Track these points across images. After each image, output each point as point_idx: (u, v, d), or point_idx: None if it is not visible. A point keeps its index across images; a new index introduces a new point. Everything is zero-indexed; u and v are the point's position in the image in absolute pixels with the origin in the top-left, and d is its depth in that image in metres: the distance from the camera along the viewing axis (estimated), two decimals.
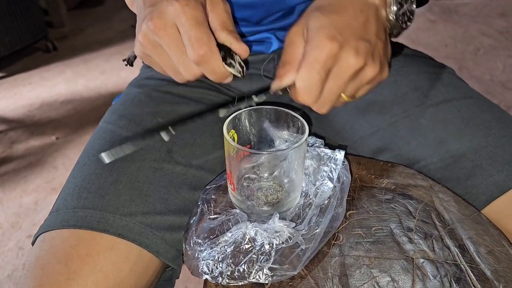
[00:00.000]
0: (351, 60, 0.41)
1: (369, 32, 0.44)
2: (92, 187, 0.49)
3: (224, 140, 0.45)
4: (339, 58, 0.41)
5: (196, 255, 0.45)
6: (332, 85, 0.43)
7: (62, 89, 2.35)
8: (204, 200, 0.52)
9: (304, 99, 0.43)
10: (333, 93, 0.43)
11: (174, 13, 0.41)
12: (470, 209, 0.49)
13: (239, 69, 0.45)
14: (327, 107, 0.45)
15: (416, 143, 0.56)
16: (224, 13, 0.45)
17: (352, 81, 0.44)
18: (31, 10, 2.51)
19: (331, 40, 0.40)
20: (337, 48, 0.40)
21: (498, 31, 2.62)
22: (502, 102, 1.89)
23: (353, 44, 0.41)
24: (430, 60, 0.69)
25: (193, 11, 0.41)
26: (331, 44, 0.40)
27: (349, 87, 0.44)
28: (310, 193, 0.49)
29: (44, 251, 0.45)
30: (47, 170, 1.71)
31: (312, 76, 0.41)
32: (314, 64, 0.41)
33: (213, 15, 0.44)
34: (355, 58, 0.41)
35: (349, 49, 0.41)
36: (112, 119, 0.59)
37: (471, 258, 0.43)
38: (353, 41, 0.41)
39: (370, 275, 0.42)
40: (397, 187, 0.53)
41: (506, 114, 0.56)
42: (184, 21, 0.41)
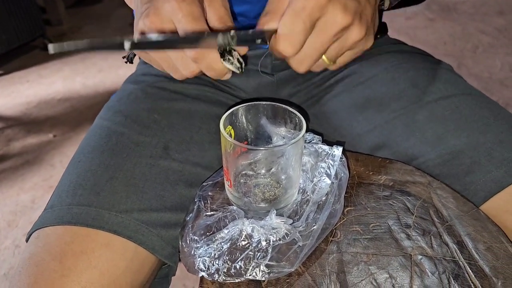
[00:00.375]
0: (338, 15, 0.39)
1: None
2: (87, 184, 0.49)
3: (221, 136, 0.44)
4: (326, 11, 0.39)
5: (193, 252, 0.44)
6: (315, 40, 0.41)
7: (60, 87, 2.34)
8: (200, 197, 0.51)
9: (284, 48, 0.40)
10: (315, 48, 0.41)
11: (170, 9, 0.41)
12: (469, 206, 0.49)
13: (237, 65, 0.44)
14: (306, 65, 0.43)
15: (414, 140, 0.56)
16: (222, 8, 0.44)
17: (336, 41, 0.42)
18: (28, 8, 2.50)
19: None
20: (326, 0, 0.39)
21: (496, 29, 2.62)
22: (501, 99, 1.89)
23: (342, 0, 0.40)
24: (428, 56, 0.69)
25: (190, 7, 0.41)
26: None
27: (332, 48, 0.42)
28: (308, 190, 0.49)
29: (39, 248, 0.45)
30: (44, 168, 1.71)
31: (297, 23, 0.39)
32: (299, 12, 0.39)
33: (211, 10, 0.44)
34: (343, 14, 0.39)
35: (337, 4, 0.39)
36: (108, 115, 0.59)
37: (469, 255, 0.43)
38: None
39: (368, 272, 0.42)
40: (395, 183, 0.53)
41: (505, 111, 0.56)
42: (181, 18, 0.41)
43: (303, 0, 0.39)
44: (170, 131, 0.57)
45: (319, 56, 0.42)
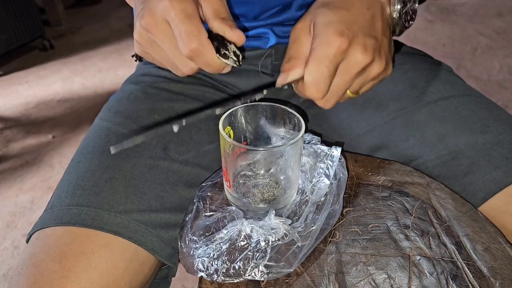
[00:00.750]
0: (359, 56, 0.42)
1: (376, 29, 0.44)
2: (87, 185, 0.49)
3: (220, 137, 0.44)
4: (348, 54, 0.42)
5: (192, 253, 0.44)
6: (340, 81, 0.43)
7: (59, 87, 2.34)
8: (200, 198, 0.51)
9: (313, 93, 0.43)
10: (340, 88, 0.44)
11: (163, 8, 0.41)
12: (467, 206, 0.49)
13: (234, 59, 0.44)
14: (333, 102, 0.46)
15: (414, 141, 0.56)
16: (216, 0, 0.44)
17: (358, 77, 0.44)
18: (27, 9, 2.50)
19: (340, 36, 0.41)
20: (347, 44, 0.41)
21: (495, 31, 2.63)
22: (499, 101, 1.90)
23: (361, 41, 0.42)
24: (427, 57, 0.69)
25: (182, 4, 0.41)
26: (340, 40, 0.41)
27: (355, 83, 0.45)
28: (307, 190, 0.49)
29: (38, 249, 0.45)
30: (43, 169, 1.70)
31: (322, 70, 0.41)
32: (323, 59, 0.41)
33: (205, 4, 0.44)
34: (363, 54, 0.42)
35: (357, 45, 0.41)
36: (108, 116, 0.59)
37: (467, 255, 0.43)
38: (361, 37, 0.42)
39: (366, 272, 0.42)
40: (394, 184, 0.53)
41: (503, 112, 0.56)
42: (173, 16, 0.41)
43: (325, 47, 0.41)
44: (169, 131, 0.57)
45: (343, 93, 0.45)
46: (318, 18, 0.43)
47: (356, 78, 0.44)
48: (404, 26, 0.50)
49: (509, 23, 2.73)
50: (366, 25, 0.43)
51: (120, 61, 2.60)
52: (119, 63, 2.58)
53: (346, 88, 0.45)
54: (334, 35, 0.41)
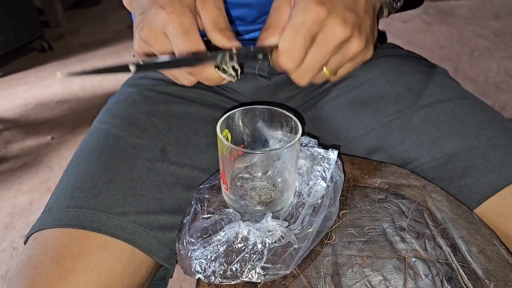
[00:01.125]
0: (337, 29, 0.40)
1: (358, 5, 0.42)
2: (85, 187, 0.49)
3: (218, 140, 0.45)
4: (326, 25, 0.40)
5: (189, 254, 0.45)
6: (316, 53, 0.41)
7: (58, 89, 2.34)
8: (197, 200, 0.52)
9: (286, 63, 0.41)
10: (316, 62, 0.42)
11: (161, 22, 0.41)
12: (462, 209, 0.49)
13: (233, 74, 0.44)
14: (307, 78, 0.44)
15: (410, 143, 0.56)
16: (215, 10, 0.44)
17: (336, 54, 0.42)
18: (26, 10, 2.50)
19: (319, 5, 0.39)
20: (325, 14, 0.39)
21: (492, 33, 2.64)
22: (496, 103, 1.90)
23: (341, 13, 0.40)
24: (423, 60, 0.69)
25: (180, 18, 0.41)
26: (319, 9, 0.39)
27: (332, 60, 0.43)
28: (304, 193, 0.49)
29: (37, 250, 0.45)
30: (42, 170, 1.71)
31: (297, 38, 0.40)
32: (299, 27, 0.39)
33: (204, 14, 0.44)
34: (342, 27, 0.40)
35: (336, 17, 0.40)
36: (106, 118, 0.59)
37: (462, 257, 0.43)
38: (342, 10, 0.40)
39: (362, 274, 0.42)
40: (390, 186, 0.53)
41: (499, 115, 0.57)
42: (172, 30, 0.41)
43: (302, 15, 0.39)
44: (167, 134, 0.57)
45: (319, 69, 0.43)
46: None
47: (334, 54, 0.42)
48: (392, 7, 0.48)
49: (507, 25, 2.74)
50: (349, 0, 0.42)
51: (118, 62, 2.60)
52: None
53: (322, 63, 0.43)
54: (312, 3, 0.39)
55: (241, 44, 0.44)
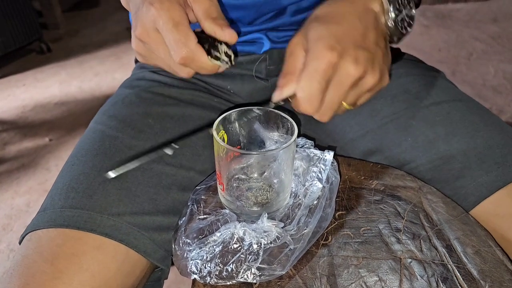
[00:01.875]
0: (350, 69, 0.42)
1: (368, 41, 0.44)
2: (80, 187, 0.49)
3: (214, 141, 0.45)
4: (339, 67, 0.41)
5: (185, 255, 0.45)
6: (333, 94, 0.43)
7: (56, 90, 2.34)
8: (194, 201, 0.52)
9: (306, 109, 0.43)
10: (334, 102, 0.44)
11: (152, 18, 0.42)
12: (458, 210, 0.49)
13: (226, 60, 0.44)
14: (329, 116, 0.46)
15: (406, 145, 0.57)
16: (206, 0, 0.45)
17: (353, 90, 0.44)
18: (25, 12, 2.50)
19: (330, 50, 0.41)
20: (336, 58, 0.41)
21: (490, 36, 2.65)
22: (494, 106, 1.91)
23: (352, 53, 0.42)
24: (420, 63, 0.70)
25: (169, 13, 0.42)
26: (330, 54, 0.41)
27: (350, 96, 0.45)
28: (300, 194, 0.49)
29: (31, 250, 0.45)
30: (39, 172, 1.70)
31: (313, 86, 0.42)
32: (314, 74, 0.41)
33: (195, 6, 0.44)
34: (355, 67, 0.42)
35: (348, 58, 0.41)
36: (102, 119, 0.59)
37: (458, 258, 0.43)
38: (352, 50, 0.42)
39: (358, 275, 0.42)
40: (386, 188, 0.53)
41: (494, 116, 0.57)
42: (162, 25, 0.42)
43: (315, 62, 0.41)
44: (163, 135, 0.57)
45: (338, 106, 0.45)
46: (310, 32, 0.44)
47: (351, 91, 0.44)
48: (401, 34, 0.49)
49: (504, 29, 2.75)
50: (358, 37, 0.43)
51: (117, 64, 2.61)
52: (116, 66, 2.58)
53: (340, 101, 0.45)
54: (324, 49, 0.41)
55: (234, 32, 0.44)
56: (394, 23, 0.48)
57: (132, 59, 0.68)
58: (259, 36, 0.64)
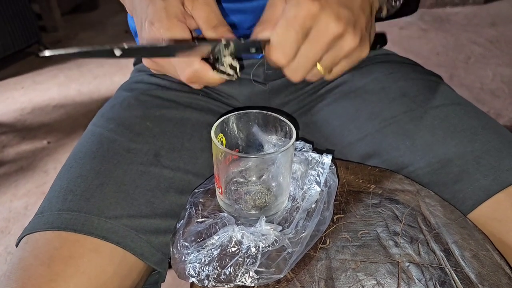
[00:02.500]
0: (330, 24, 0.39)
1: (353, 2, 0.42)
2: (78, 190, 0.49)
3: (212, 144, 0.45)
4: (318, 20, 0.39)
5: (183, 258, 0.45)
6: (308, 48, 0.41)
7: (55, 93, 2.34)
8: (192, 204, 0.52)
9: (278, 57, 0.41)
10: (309, 57, 0.42)
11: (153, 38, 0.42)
12: (456, 214, 0.49)
13: (231, 73, 0.43)
14: (301, 74, 0.43)
15: (404, 149, 0.57)
16: (205, 7, 0.44)
17: (330, 50, 0.42)
18: (24, 14, 2.50)
19: (312, 0, 0.39)
20: (318, 9, 0.39)
21: (488, 40, 2.66)
22: (492, 109, 1.91)
23: (334, 9, 0.40)
24: (418, 67, 0.70)
25: (169, 33, 0.42)
26: (311, 3, 0.39)
27: (326, 57, 0.43)
28: (298, 197, 0.49)
29: (27, 253, 0.45)
30: (38, 175, 1.70)
31: (289, 32, 0.39)
32: (291, 21, 0.39)
33: (195, 14, 0.44)
34: (335, 22, 0.39)
35: (329, 13, 0.39)
36: (100, 122, 0.59)
37: (456, 262, 0.43)
38: (335, 6, 0.40)
39: (355, 279, 0.42)
40: (384, 191, 0.53)
41: (492, 120, 0.57)
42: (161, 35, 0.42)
43: (295, 9, 0.39)
44: (161, 138, 0.57)
45: (312, 65, 0.43)
46: None
47: (327, 51, 0.42)
48: (390, 6, 0.48)
49: (502, 33, 2.76)
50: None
51: (116, 67, 2.61)
52: (115, 69, 2.58)
53: (315, 59, 0.42)
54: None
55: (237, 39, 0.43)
56: None
57: (130, 62, 0.68)
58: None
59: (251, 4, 0.60)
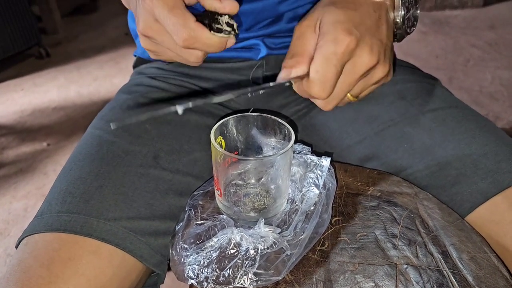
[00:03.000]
0: (366, 57, 0.41)
1: (381, 32, 0.44)
2: (77, 192, 0.49)
3: (211, 147, 0.45)
4: (355, 54, 0.41)
5: (182, 260, 0.45)
6: (344, 81, 0.43)
7: (54, 95, 2.34)
8: (191, 206, 0.52)
9: (318, 92, 0.42)
10: (343, 90, 0.43)
11: (148, 10, 0.42)
12: (454, 216, 0.50)
13: (228, 30, 0.42)
14: (334, 104, 0.45)
15: (403, 151, 0.57)
16: None
17: (362, 80, 0.44)
18: (24, 16, 2.50)
19: (349, 35, 0.40)
20: (355, 43, 0.40)
21: (487, 43, 2.66)
22: (490, 112, 1.91)
23: (368, 41, 0.41)
24: (416, 70, 0.70)
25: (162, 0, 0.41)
26: (349, 39, 0.40)
27: (357, 86, 0.44)
28: (296, 200, 0.50)
29: (27, 255, 0.45)
30: (37, 177, 1.70)
31: (329, 68, 0.41)
32: (331, 57, 0.40)
33: None
34: (370, 55, 0.41)
35: (364, 46, 0.41)
36: (100, 124, 0.60)
37: (453, 264, 0.44)
38: (368, 38, 0.42)
39: (354, 281, 0.43)
40: (383, 194, 0.53)
41: (490, 123, 0.57)
42: (158, 14, 0.41)
43: (333, 45, 0.40)
44: (160, 140, 0.57)
45: (345, 95, 0.44)
46: (326, 16, 0.43)
47: (360, 80, 0.43)
48: (406, 32, 0.49)
49: (501, 36, 2.77)
50: (373, 26, 0.43)
51: (116, 69, 2.61)
52: (115, 71, 2.58)
53: (349, 90, 0.44)
54: (343, 33, 0.40)
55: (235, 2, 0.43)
56: (402, 20, 0.48)
57: (130, 64, 0.68)
58: (256, 42, 0.65)
59: (249, 6, 0.60)
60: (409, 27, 0.50)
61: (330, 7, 0.44)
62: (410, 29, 0.50)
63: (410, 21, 0.50)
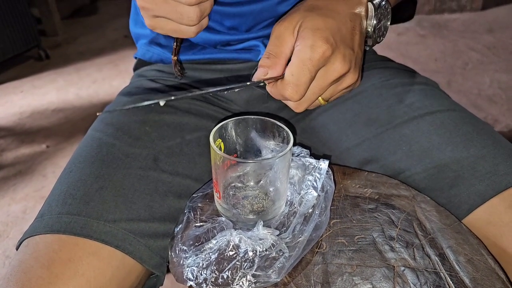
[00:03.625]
0: (338, 65, 0.44)
1: (354, 41, 0.47)
2: (77, 194, 0.50)
3: (211, 149, 0.45)
4: (329, 61, 0.44)
5: (181, 262, 0.45)
6: (316, 86, 0.45)
7: (54, 97, 2.34)
8: (190, 208, 0.52)
9: (292, 94, 0.44)
10: (315, 93, 0.46)
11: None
12: (451, 219, 0.50)
13: None
14: (305, 106, 0.48)
15: (401, 154, 0.57)
16: None
17: (332, 85, 0.47)
18: (23, 19, 2.51)
19: (326, 43, 0.43)
20: (330, 51, 0.43)
21: (485, 46, 2.67)
22: (489, 115, 1.92)
23: (342, 50, 0.44)
24: (414, 73, 0.71)
25: None
26: (326, 46, 0.43)
27: (328, 91, 0.47)
28: (295, 202, 0.50)
29: (27, 256, 0.45)
30: (36, 179, 1.70)
31: (304, 72, 0.43)
32: (307, 62, 0.43)
33: None
34: (342, 63, 0.44)
35: (338, 54, 0.44)
36: (100, 127, 0.60)
37: (450, 267, 0.44)
38: (342, 47, 0.44)
39: (351, 283, 0.43)
40: (381, 196, 0.54)
41: (487, 126, 0.58)
42: None
43: (310, 50, 0.43)
44: (160, 143, 0.58)
45: (316, 98, 0.47)
46: (307, 21, 0.45)
47: (330, 86, 0.46)
48: (376, 42, 0.52)
49: (500, 39, 2.78)
50: (347, 36, 0.46)
51: (115, 72, 2.61)
52: (114, 74, 2.59)
53: (321, 94, 0.47)
54: (320, 40, 0.43)
55: None
56: (373, 29, 0.51)
57: (129, 67, 0.69)
58: (256, 43, 0.65)
59: (249, 8, 0.61)
60: (379, 37, 0.53)
61: (312, 13, 0.46)
62: (379, 39, 0.53)
63: (380, 31, 0.53)
